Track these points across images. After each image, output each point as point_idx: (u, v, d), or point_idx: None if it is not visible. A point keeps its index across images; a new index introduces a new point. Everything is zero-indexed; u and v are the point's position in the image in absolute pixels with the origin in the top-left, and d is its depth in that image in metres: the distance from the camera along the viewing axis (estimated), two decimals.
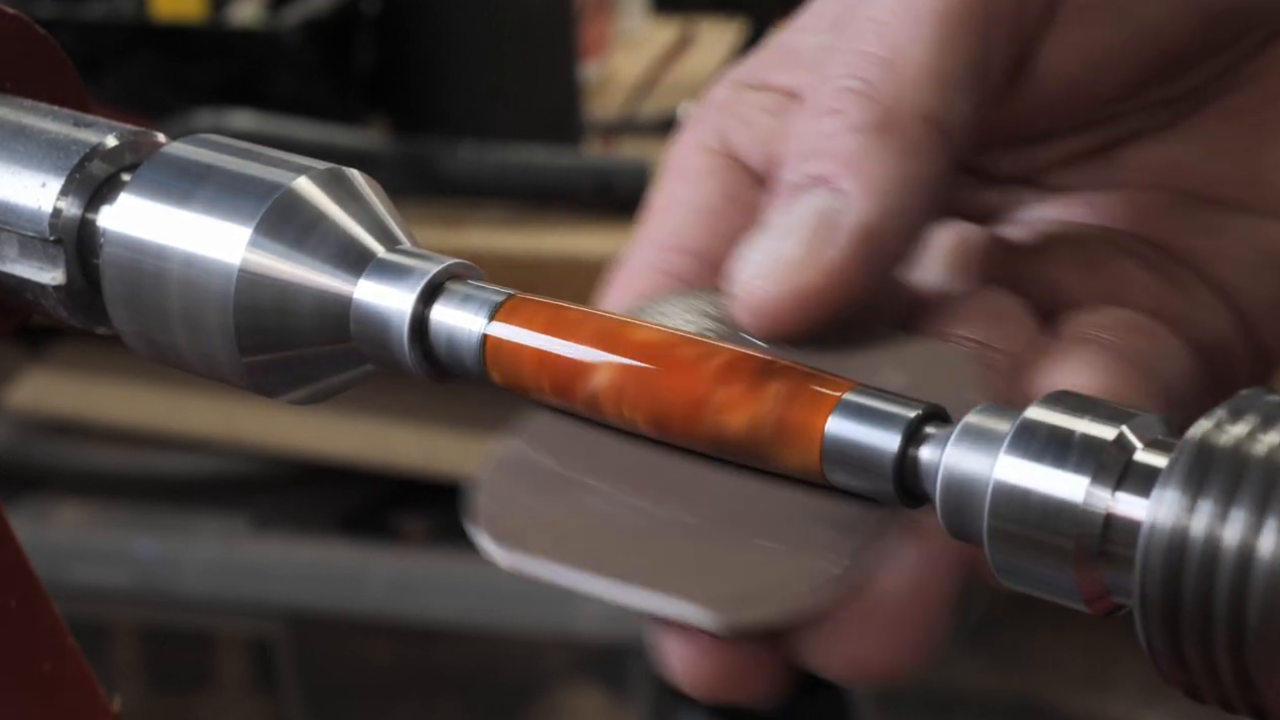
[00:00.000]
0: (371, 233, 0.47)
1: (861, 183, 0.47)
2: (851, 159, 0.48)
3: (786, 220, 0.48)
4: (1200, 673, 0.38)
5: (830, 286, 0.47)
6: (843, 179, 0.48)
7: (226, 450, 1.73)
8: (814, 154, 0.48)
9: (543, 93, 1.69)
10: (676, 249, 0.51)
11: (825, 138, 0.48)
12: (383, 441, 1.70)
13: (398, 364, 0.46)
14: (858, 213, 0.47)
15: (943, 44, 0.48)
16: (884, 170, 0.48)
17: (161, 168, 0.47)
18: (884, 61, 0.48)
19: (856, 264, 0.47)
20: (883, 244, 0.48)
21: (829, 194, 0.48)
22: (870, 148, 0.48)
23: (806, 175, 0.48)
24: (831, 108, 0.48)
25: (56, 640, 0.55)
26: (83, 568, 1.70)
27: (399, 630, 1.71)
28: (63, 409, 1.75)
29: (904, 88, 0.48)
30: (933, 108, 0.48)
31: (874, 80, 0.48)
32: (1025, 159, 0.54)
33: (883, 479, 0.42)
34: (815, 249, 0.47)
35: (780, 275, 0.47)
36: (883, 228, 0.47)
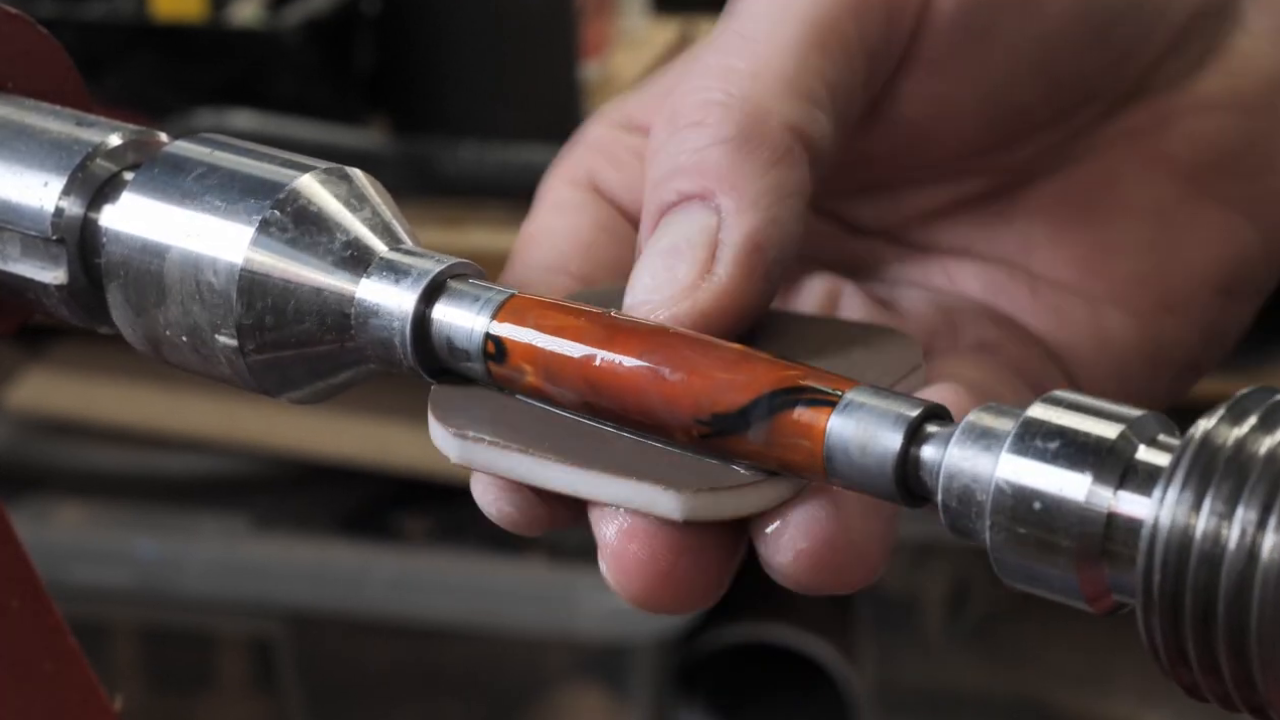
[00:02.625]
0: (373, 232, 0.47)
1: (736, 197, 0.47)
2: (722, 172, 0.48)
3: (667, 242, 0.48)
4: (1202, 671, 0.38)
5: (726, 304, 0.47)
6: (716, 194, 0.48)
7: (226, 450, 1.73)
8: (682, 170, 0.48)
9: (543, 93, 1.69)
10: (558, 270, 0.52)
11: (691, 151, 0.48)
12: (383, 441, 1.70)
13: (399, 363, 0.46)
14: (739, 227, 0.47)
15: (805, 61, 0.49)
16: (756, 182, 0.48)
17: (164, 167, 0.47)
18: (747, 74, 0.49)
19: (747, 279, 0.47)
20: (768, 255, 0.48)
21: (705, 210, 0.48)
22: (738, 160, 0.48)
23: (678, 192, 0.48)
24: (695, 120, 0.48)
25: (57, 640, 0.55)
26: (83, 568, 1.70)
27: (399, 630, 1.71)
28: (63, 409, 1.75)
29: (767, 98, 0.48)
30: (796, 118, 0.48)
31: (737, 92, 0.48)
32: (885, 210, 0.56)
33: (885, 478, 0.42)
34: (704, 269, 0.47)
35: (673, 298, 0.47)
36: (766, 239, 0.48)
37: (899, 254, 0.56)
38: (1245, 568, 0.37)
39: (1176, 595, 0.38)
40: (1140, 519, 0.38)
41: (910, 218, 0.56)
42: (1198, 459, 0.38)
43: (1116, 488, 0.39)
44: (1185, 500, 0.38)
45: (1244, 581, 0.37)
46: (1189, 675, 0.39)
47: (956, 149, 0.54)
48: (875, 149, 0.53)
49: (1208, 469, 0.38)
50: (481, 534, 1.73)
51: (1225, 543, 0.37)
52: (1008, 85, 0.52)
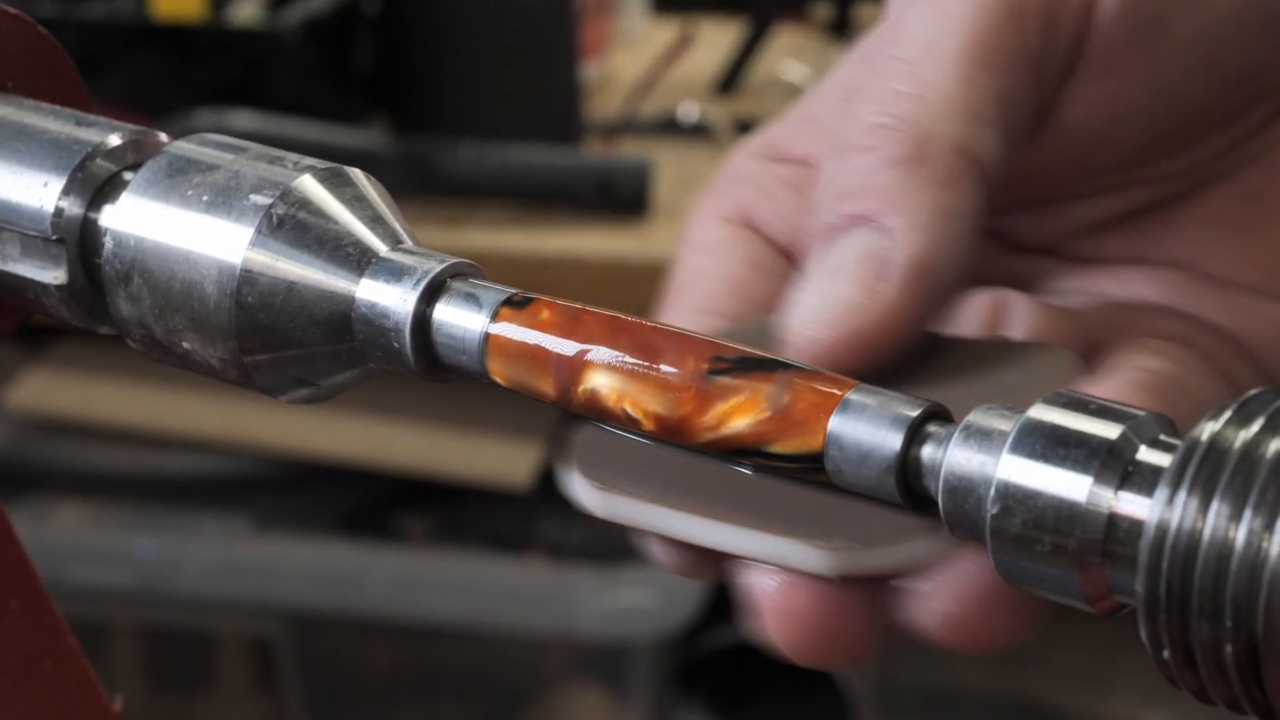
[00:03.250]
0: (374, 231, 0.47)
1: (905, 218, 0.47)
2: (890, 194, 0.48)
3: (833, 262, 0.48)
4: (1203, 672, 0.38)
5: (890, 323, 0.47)
6: (885, 215, 0.47)
7: (226, 450, 1.73)
8: (850, 193, 0.48)
9: (543, 93, 1.68)
10: (709, 313, 0.51)
11: (860, 175, 0.48)
12: (383, 441, 1.70)
13: (399, 363, 0.46)
14: (906, 248, 0.47)
15: (970, 80, 0.49)
16: (925, 203, 0.47)
17: (163, 167, 0.47)
18: (914, 97, 0.48)
19: (913, 299, 0.47)
20: (935, 276, 0.48)
21: (873, 232, 0.47)
22: (908, 182, 0.48)
23: (845, 215, 0.48)
24: (864, 145, 0.48)
25: (56, 640, 0.55)
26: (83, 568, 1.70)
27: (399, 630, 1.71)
28: (63, 409, 1.75)
29: (935, 120, 0.48)
30: (964, 139, 0.48)
31: (905, 115, 0.48)
32: (1047, 226, 0.55)
33: (885, 478, 0.42)
34: (870, 288, 0.47)
35: (838, 318, 0.47)
36: (933, 260, 0.47)
37: (1063, 268, 0.55)
38: (1245, 567, 0.37)
39: (1177, 596, 0.38)
40: (1141, 520, 0.38)
41: (1074, 231, 0.55)
42: (1199, 459, 0.38)
43: (1117, 488, 0.39)
44: (1186, 501, 0.38)
45: (1244, 581, 0.37)
46: (1190, 676, 0.38)
47: (1128, 154, 0.53)
48: (1047, 159, 0.52)
49: (1209, 470, 0.37)
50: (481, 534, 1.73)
51: (1226, 543, 0.37)
52: (1178, 82, 0.51)
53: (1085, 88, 0.51)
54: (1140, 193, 0.54)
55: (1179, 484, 0.38)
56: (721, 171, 0.56)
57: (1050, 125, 0.51)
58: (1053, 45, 0.50)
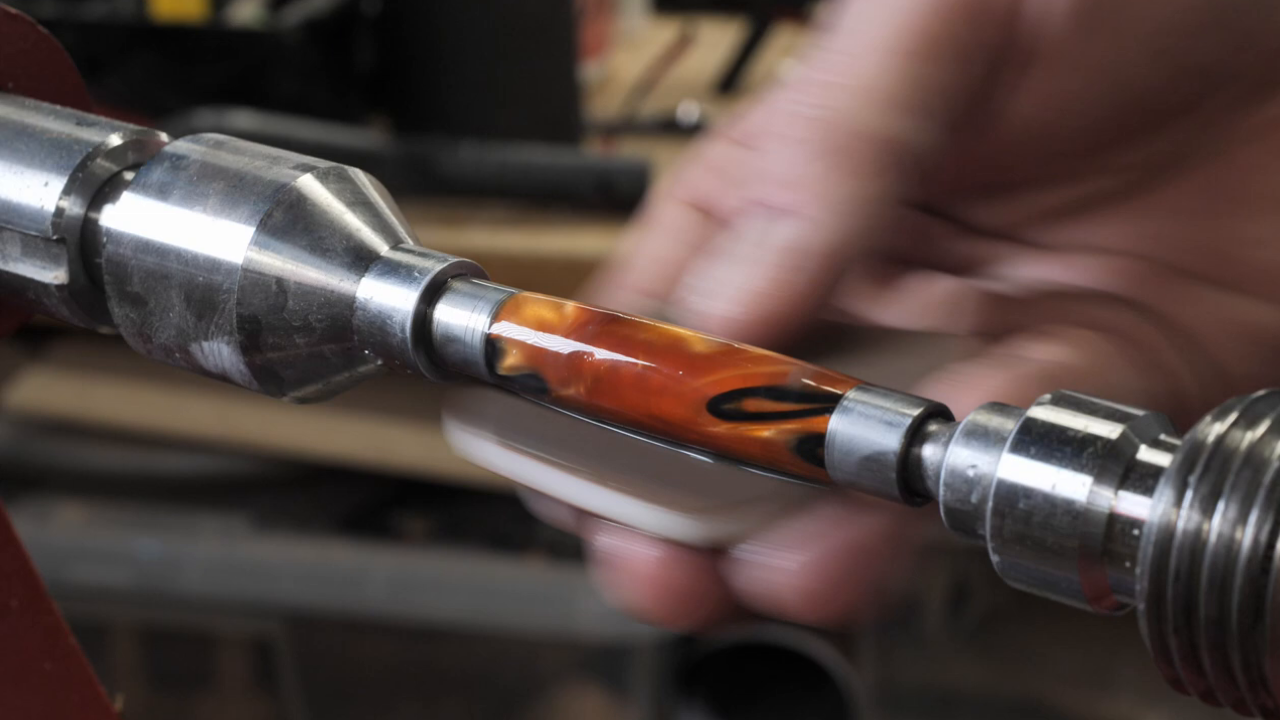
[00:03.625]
0: (375, 231, 0.47)
1: (817, 205, 0.48)
2: (801, 180, 0.49)
3: (747, 248, 0.49)
4: (1204, 671, 0.38)
5: (794, 311, 0.48)
6: (801, 203, 0.48)
7: (226, 450, 1.73)
8: (764, 177, 0.49)
9: (543, 93, 1.68)
10: (639, 290, 0.52)
11: (775, 162, 0.49)
12: (383, 441, 1.70)
13: (400, 363, 0.46)
14: (814, 234, 0.48)
15: (896, 70, 0.49)
16: (840, 193, 0.48)
17: (164, 167, 0.47)
18: (839, 87, 0.50)
19: (818, 288, 0.48)
20: (837, 263, 0.49)
21: (788, 219, 0.49)
22: (819, 169, 0.49)
23: (758, 199, 0.49)
24: (783, 133, 0.49)
25: (57, 640, 0.55)
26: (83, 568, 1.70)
27: (399, 630, 1.71)
28: (63, 409, 1.75)
29: (858, 111, 0.49)
30: (887, 129, 0.49)
31: (829, 105, 0.49)
32: (1001, 210, 0.55)
33: (886, 477, 0.42)
34: (781, 277, 0.48)
35: (738, 299, 0.48)
36: (845, 251, 0.48)
37: (1018, 253, 0.55)
38: (1245, 567, 0.37)
39: (1177, 595, 0.38)
40: (1141, 519, 0.38)
41: (1031, 217, 0.55)
42: (1199, 459, 0.38)
43: (1118, 488, 0.39)
44: (1186, 500, 0.38)
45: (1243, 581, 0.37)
46: (1189, 675, 0.38)
47: (1081, 145, 0.53)
48: (995, 148, 0.53)
49: (1209, 469, 0.37)
50: (481, 534, 1.73)
51: (1226, 542, 0.37)
52: (1130, 75, 0.52)
53: (1035, 81, 0.51)
54: (1097, 181, 0.54)
55: (1179, 483, 0.38)
56: (693, 156, 0.57)
57: (1000, 115, 0.52)
58: (980, 35, 0.50)
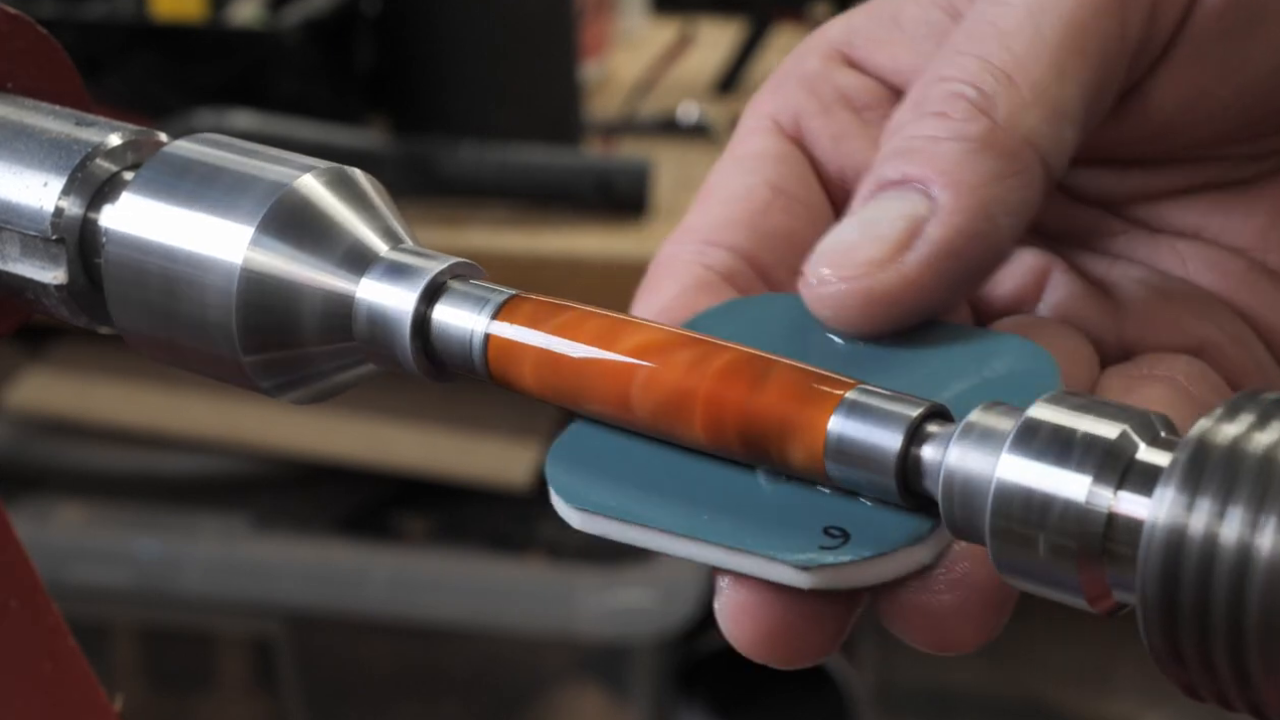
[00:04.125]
0: (374, 232, 0.47)
1: (955, 195, 0.46)
2: (950, 167, 0.46)
3: (873, 216, 0.47)
4: (1202, 671, 0.38)
5: (904, 295, 0.46)
6: (937, 185, 0.46)
7: (226, 450, 1.73)
8: (913, 153, 0.47)
9: (543, 93, 1.68)
10: (716, 244, 0.50)
11: (928, 139, 0.47)
12: (383, 441, 1.70)
13: (400, 363, 0.46)
14: (944, 225, 0.46)
15: (1063, 69, 0.47)
16: (981, 187, 0.46)
17: (163, 167, 0.47)
18: (1002, 75, 0.47)
19: (934, 277, 0.46)
20: (965, 263, 0.46)
21: (920, 197, 0.46)
22: (972, 161, 0.46)
23: (902, 173, 0.47)
24: (940, 110, 0.47)
25: (56, 640, 0.55)
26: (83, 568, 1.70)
27: (399, 630, 1.71)
28: (63, 409, 1.75)
29: (1018, 108, 0.47)
30: (1040, 135, 0.47)
31: (989, 92, 0.47)
32: (1110, 183, 0.53)
33: (885, 478, 0.42)
34: (896, 254, 0.46)
35: (856, 272, 0.46)
36: (968, 247, 0.46)
37: (1124, 228, 0.53)
38: (1245, 567, 0.37)
39: (1177, 595, 0.38)
40: (1140, 519, 0.38)
41: (1141, 195, 0.53)
42: (1198, 459, 0.38)
43: (1117, 488, 0.39)
44: (1186, 500, 0.37)
45: (1243, 581, 0.37)
46: (1189, 675, 0.38)
47: (1205, 136, 0.51)
48: (1122, 132, 0.50)
49: (1209, 469, 0.37)
50: (481, 534, 1.73)
51: (1226, 543, 0.37)
52: (1265, 81, 0.50)
53: (1171, 79, 0.49)
54: (1214, 169, 0.52)
55: (1179, 483, 0.38)
56: (789, 61, 0.54)
57: (1129, 107, 0.50)
58: (1151, 35, 0.48)
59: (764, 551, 0.43)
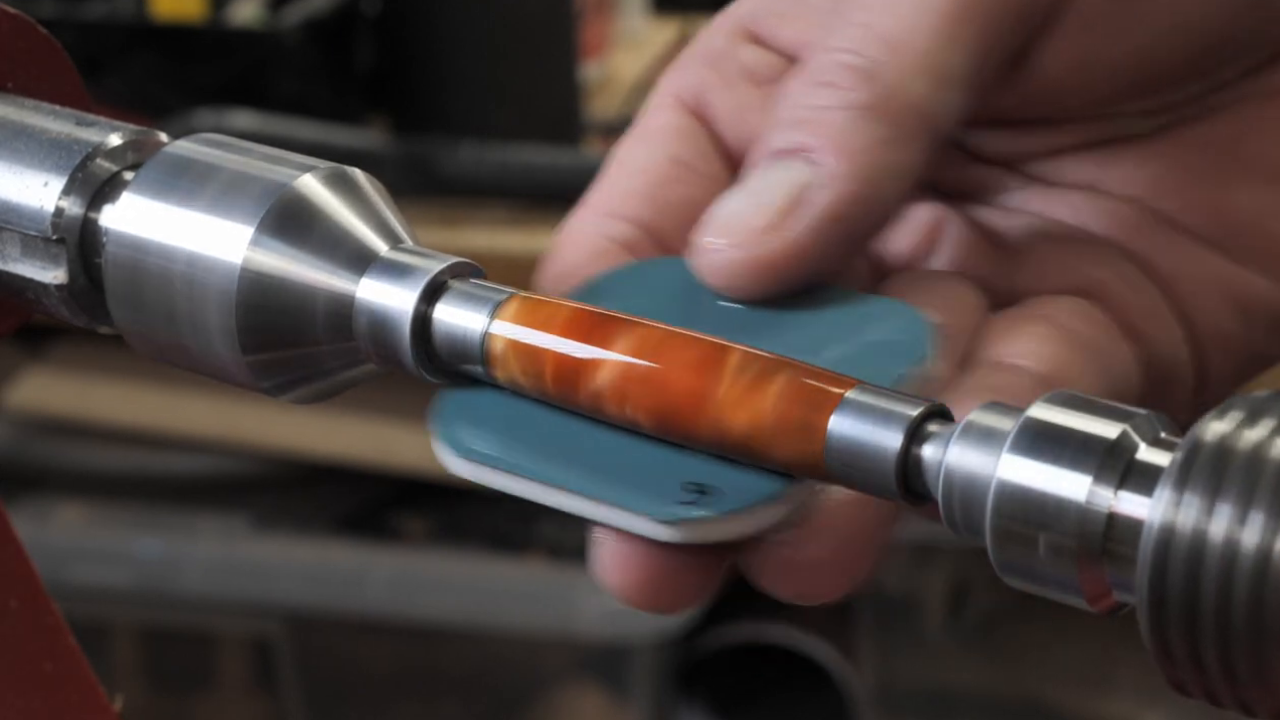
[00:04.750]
0: (374, 231, 0.47)
1: (842, 161, 0.47)
2: (837, 135, 0.47)
3: (761, 185, 0.48)
4: (1202, 671, 0.38)
5: (791, 261, 0.47)
6: (825, 153, 0.47)
7: (226, 450, 1.73)
8: (802, 122, 0.48)
9: (543, 93, 1.68)
10: (617, 216, 0.51)
11: (816, 109, 0.48)
12: (383, 441, 1.70)
13: (400, 363, 0.46)
14: (832, 192, 0.47)
15: (949, 36, 0.48)
16: (867, 153, 0.47)
17: (164, 167, 0.47)
18: (888, 43, 0.48)
19: (821, 242, 0.47)
20: (850, 227, 0.48)
21: (807, 165, 0.48)
22: (859, 127, 0.48)
23: (791, 142, 0.48)
24: (828, 80, 0.48)
25: (56, 640, 0.55)
26: (83, 568, 1.70)
27: (399, 630, 1.71)
28: (63, 409, 1.75)
29: (904, 75, 0.48)
30: (927, 101, 0.48)
31: (875, 59, 0.48)
32: (1007, 143, 0.54)
33: (885, 477, 0.42)
34: (782, 221, 0.47)
35: (744, 240, 0.47)
36: (853, 212, 0.47)
37: (1020, 184, 0.54)
38: (1243, 567, 0.37)
39: (1176, 595, 0.38)
40: (1140, 519, 0.38)
41: (1036, 152, 0.54)
42: (1200, 459, 0.38)
43: (1117, 487, 0.39)
44: (1186, 500, 0.37)
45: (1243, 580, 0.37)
46: (1189, 675, 0.38)
47: (1097, 99, 0.52)
48: (1011, 95, 0.51)
49: (1209, 469, 0.37)
50: (481, 534, 1.73)
51: (1225, 543, 0.37)
52: (1157, 44, 0.51)
53: (1060, 44, 0.50)
54: (1108, 126, 0.53)
55: (1179, 483, 0.38)
56: (697, 40, 0.55)
57: (1018, 73, 0.51)
58: (1039, 2, 0.49)
59: (627, 506, 0.44)
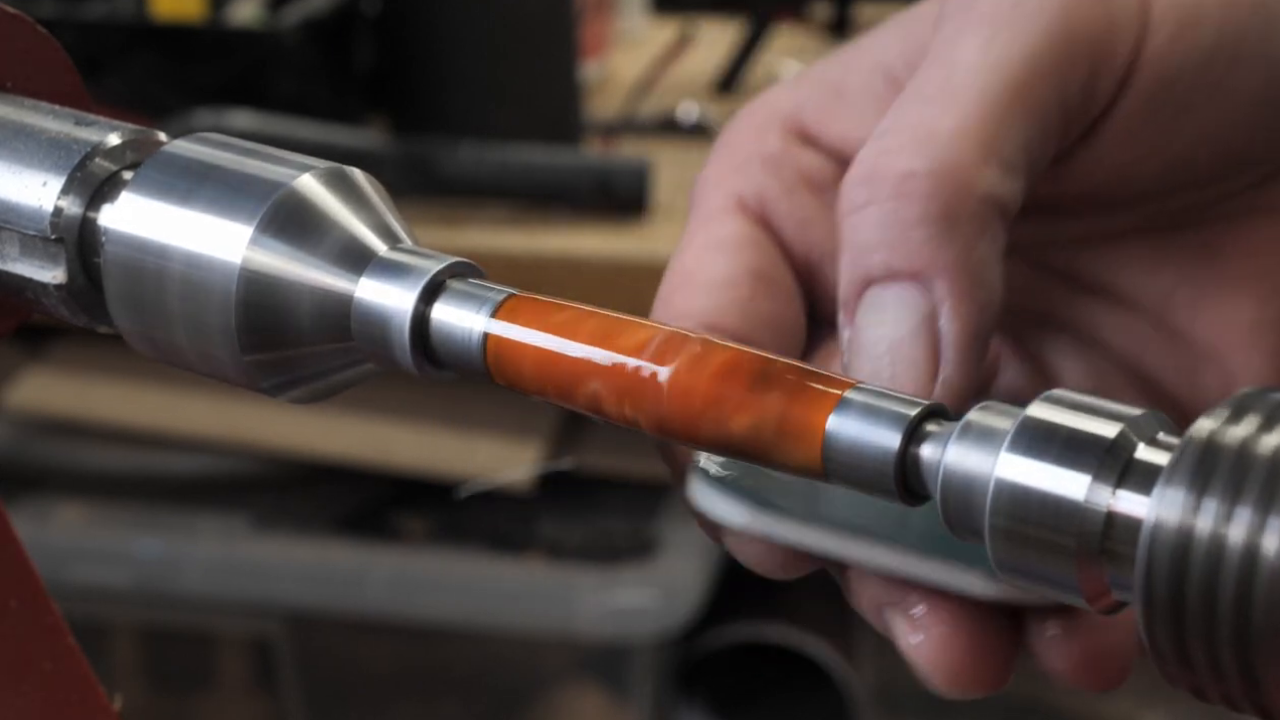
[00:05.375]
0: (373, 231, 0.47)
1: (950, 281, 0.47)
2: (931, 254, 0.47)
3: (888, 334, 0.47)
4: (1201, 670, 0.38)
5: (957, 400, 0.47)
6: (928, 276, 0.47)
7: (226, 450, 1.73)
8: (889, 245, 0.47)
9: (543, 93, 1.68)
10: (710, 327, 0.50)
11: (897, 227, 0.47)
12: (383, 441, 1.70)
13: (398, 363, 0.46)
14: (959, 317, 0.47)
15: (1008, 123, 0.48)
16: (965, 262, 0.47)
17: (163, 166, 0.47)
18: (950, 135, 0.48)
19: (969, 367, 0.47)
20: (983, 336, 0.48)
21: (918, 294, 0.47)
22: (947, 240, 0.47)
23: (886, 267, 0.47)
24: (896, 191, 0.47)
25: (56, 640, 0.55)
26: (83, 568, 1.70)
27: (399, 630, 1.71)
28: (63, 409, 1.75)
29: (969, 167, 0.47)
30: (995, 187, 0.48)
31: (938, 160, 0.47)
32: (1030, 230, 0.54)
33: (884, 477, 0.42)
34: (933, 371, 0.47)
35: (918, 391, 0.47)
36: (983, 323, 0.47)
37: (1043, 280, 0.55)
38: (1243, 566, 0.37)
39: (1175, 594, 0.38)
40: (1139, 518, 0.38)
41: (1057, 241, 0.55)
42: (1197, 458, 0.38)
43: (1116, 486, 0.39)
44: (1184, 499, 0.38)
45: (1242, 579, 0.37)
46: (1188, 674, 0.38)
47: (1121, 201, 0.53)
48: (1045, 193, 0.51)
49: (1207, 468, 0.37)
50: (481, 534, 1.73)
51: (1224, 542, 0.37)
52: (1186, 156, 0.51)
53: (1100, 150, 0.50)
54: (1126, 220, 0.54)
55: (1177, 482, 0.38)
56: (742, 136, 0.55)
57: (1061, 169, 0.51)
58: (1086, 105, 0.49)
59: (955, 559, 0.43)
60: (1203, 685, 0.39)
